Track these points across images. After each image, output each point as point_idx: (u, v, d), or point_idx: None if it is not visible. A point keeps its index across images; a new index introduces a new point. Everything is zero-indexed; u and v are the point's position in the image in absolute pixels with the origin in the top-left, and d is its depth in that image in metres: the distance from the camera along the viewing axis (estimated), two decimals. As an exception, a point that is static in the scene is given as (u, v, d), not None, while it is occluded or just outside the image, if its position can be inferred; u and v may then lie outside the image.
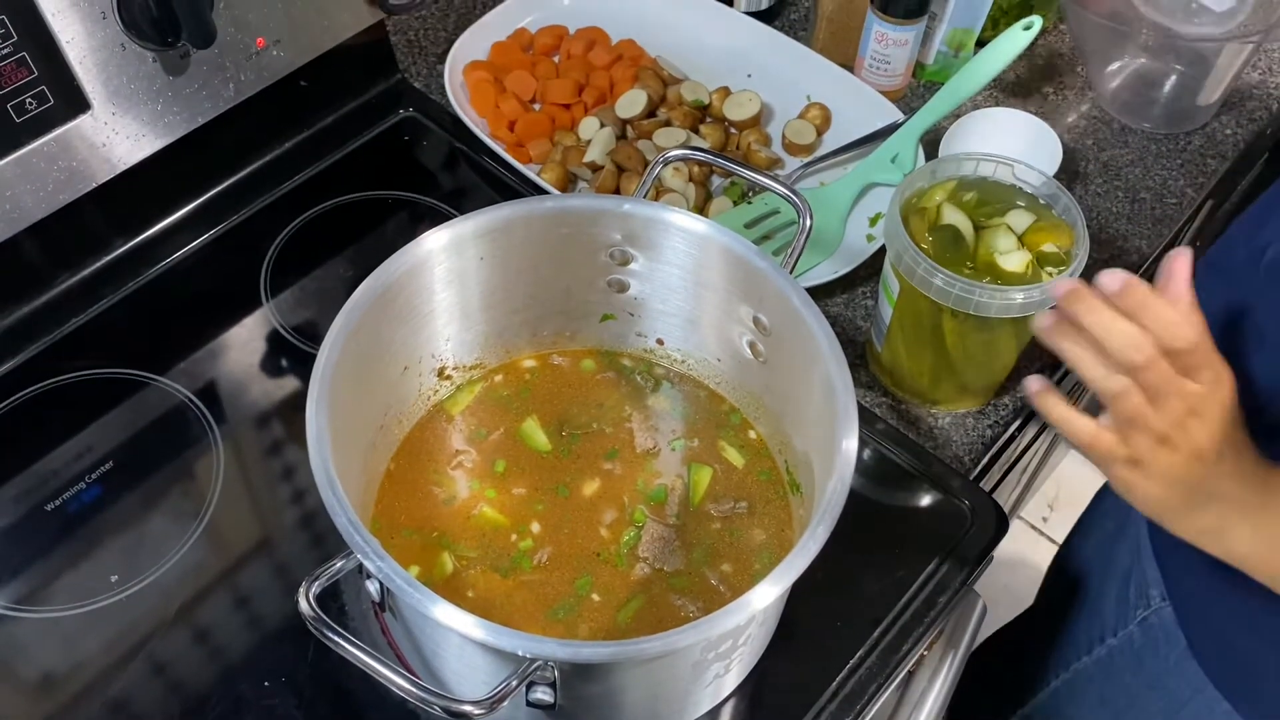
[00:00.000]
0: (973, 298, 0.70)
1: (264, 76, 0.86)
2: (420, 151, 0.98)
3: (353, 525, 0.53)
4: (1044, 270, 0.72)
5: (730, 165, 0.74)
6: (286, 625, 0.70)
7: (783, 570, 0.54)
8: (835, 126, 1.00)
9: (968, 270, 0.72)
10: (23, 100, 0.72)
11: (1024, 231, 0.73)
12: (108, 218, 0.86)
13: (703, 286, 0.72)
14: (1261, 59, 1.10)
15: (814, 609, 0.70)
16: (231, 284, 0.87)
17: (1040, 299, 0.69)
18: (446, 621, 0.51)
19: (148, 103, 0.79)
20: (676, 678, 0.62)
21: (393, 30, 1.06)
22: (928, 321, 0.75)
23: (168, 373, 0.81)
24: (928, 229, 0.74)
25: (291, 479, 0.77)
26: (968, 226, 0.73)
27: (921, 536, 0.75)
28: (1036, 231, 0.73)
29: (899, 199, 0.74)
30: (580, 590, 0.68)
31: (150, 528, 0.74)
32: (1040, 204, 0.75)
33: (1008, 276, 0.71)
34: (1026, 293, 0.69)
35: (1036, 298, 0.69)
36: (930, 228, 0.74)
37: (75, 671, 0.68)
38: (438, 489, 0.72)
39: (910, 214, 0.74)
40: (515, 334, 0.77)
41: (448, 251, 0.67)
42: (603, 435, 0.75)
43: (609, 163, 0.93)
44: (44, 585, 0.71)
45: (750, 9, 1.08)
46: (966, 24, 1.01)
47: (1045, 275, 0.72)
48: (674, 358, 0.78)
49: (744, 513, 0.72)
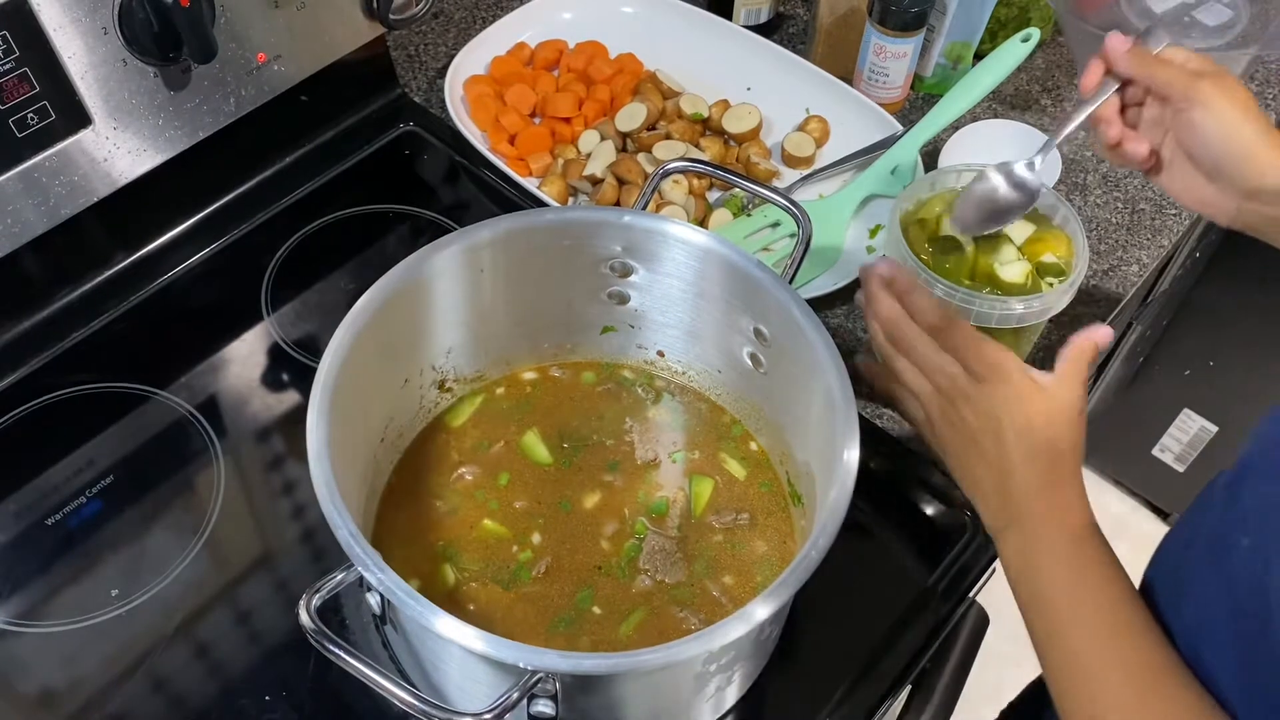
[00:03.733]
0: (973, 308, 0.70)
1: (265, 91, 0.86)
2: (421, 165, 0.98)
3: (353, 537, 0.53)
4: (1044, 280, 0.72)
5: (730, 177, 0.75)
6: (287, 639, 0.69)
7: (785, 581, 0.54)
8: (834, 139, 1.00)
9: (967, 281, 0.72)
10: (24, 115, 0.72)
11: (1024, 242, 0.74)
12: (109, 232, 0.87)
13: (703, 298, 0.72)
14: (1259, 70, 1.10)
15: (816, 620, 0.70)
16: (233, 298, 0.87)
17: (1040, 309, 0.69)
18: (448, 634, 0.51)
19: (149, 117, 0.79)
20: (678, 690, 0.61)
21: (393, 45, 1.07)
22: None
23: (169, 387, 0.81)
24: (927, 240, 0.74)
25: (292, 493, 0.77)
26: (967, 237, 0.74)
27: (923, 547, 0.75)
28: (1036, 242, 0.73)
29: (898, 210, 0.74)
30: (581, 603, 0.68)
31: (151, 542, 0.73)
32: (1039, 214, 0.75)
33: (1007, 287, 0.72)
34: (1026, 303, 0.69)
35: (1036, 308, 0.69)
36: (930, 238, 0.74)
37: (75, 687, 0.67)
38: (439, 502, 0.72)
39: (910, 224, 0.74)
40: (516, 346, 0.77)
41: (448, 264, 0.67)
42: (604, 447, 0.75)
43: (609, 176, 0.93)
44: (44, 600, 0.71)
45: (749, 22, 1.08)
46: (965, 36, 1.02)
47: (1045, 285, 0.72)
48: (675, 369, 0.78)
49: (745, 524, 0.72)
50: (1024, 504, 0.63)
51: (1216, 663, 0.55)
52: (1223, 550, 0.56)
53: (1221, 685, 0.55)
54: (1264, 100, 1.08)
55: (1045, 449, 0.63)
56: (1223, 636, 0.55)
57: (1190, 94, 0.66)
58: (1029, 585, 0.62)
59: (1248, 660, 0.53)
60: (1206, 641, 0.56)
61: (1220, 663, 0.55)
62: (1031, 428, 0.63)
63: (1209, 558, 0.58)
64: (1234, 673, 0.54)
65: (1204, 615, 0.57)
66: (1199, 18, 0.98)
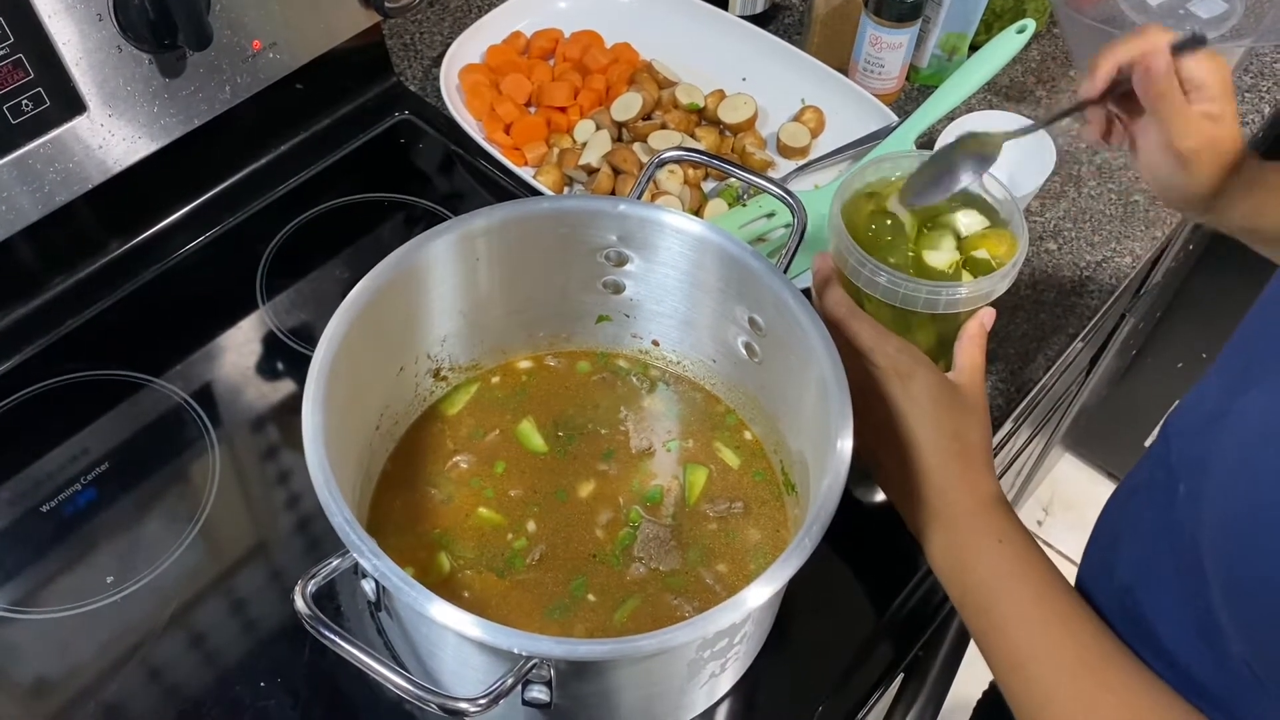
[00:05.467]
0: (860, 270, 0.70)
1: (260, 79, 0.86)
2: (416, 154, 0.98)
3: (348, 523, 0.53)
4: (966, 274, 0.72)
5: (725, 167, 0.75)
6: (282, 627, 0.70)
7: (778, 569, 0.54)
8: (830, 129, 1.00)
9: (891, 260, 0.71)
10: (19, 102, 0.72)
11: (973, 235, 0.73)
12: (104, 219, 0.86)
13: (698, 288, 0.72)
14: (1253, 63, 1.11)
15: (810, 609, 0.71)
16: (228, 286, 0.87)
17: (929, 297, 0.68)
18: (442, 619, 0.51)
19: (144, 105, 0.79)
20: (672, 677, 0.62)
21: (389, 33, 1.06)
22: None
23: (164, 375, 0.81)
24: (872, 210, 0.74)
25: (288, 481, 0.77)
26: (910, 218, 0.73)
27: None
28: (983, 238, 0.73)
29: (857, 182, 0.74)
30: (576, 590, 0.68)
31: (146, 529, 0.74)
32: (994, 211, 0.74)
33: (929, 271, 0.71)
34: (931, 289, 0.68)
35: (917, 293, 0.68)
36: (874, 211, 0.74)
37: (70, 674, 0.67)
38: (434, 490, 0.72)
39: (867, 195, 0.74)
40: (511, 335, 0.77)
41: (443, 253, 0.67)
42: (598, 436, 0.75)
43: (605, 165, 0.93)
44: (39, 587, 0.71)
45: (745, 12, 1.08)
46: (960, 27, 1.02)
47: (965, 276, 0.71)
48: (669, 359, 0.79)
49: (739, 513, 0.72)
50: (943, 502, 0.64)
51: (1155, 606, 0.57)
52: (1163, 497, 0.58)
53: (1159, 630, 0.56)
54: (1259, 93, 1.08)
55: (955, 443, 0.64)
56: (1163, 581, 0.56)
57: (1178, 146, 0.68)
58: (959, 583, 0.63)
59: (1188, 603, 0.54)
60: (1145, 586, 0.58)
61: (1159, 607, 0.57)
62: (939, 423, 0.65)
63: (1149, 503, 0.59)
64: (1174, 615, 0.55)
65: (1144, 560, 0.59)
66: (1194, 10, 0.99)
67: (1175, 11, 0.99)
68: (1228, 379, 0.55)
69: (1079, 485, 1.94)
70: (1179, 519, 0.55)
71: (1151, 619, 0.58)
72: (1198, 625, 0.54)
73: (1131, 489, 0.64)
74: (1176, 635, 0.56)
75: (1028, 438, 1.12)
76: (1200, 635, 0.54)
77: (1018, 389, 0.85)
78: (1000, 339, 0.87)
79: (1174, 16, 0.98)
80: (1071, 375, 1.24)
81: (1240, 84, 1.09)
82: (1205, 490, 0.52)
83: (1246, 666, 0.50)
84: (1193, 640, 0.55)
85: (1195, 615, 0.54)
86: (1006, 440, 0.87)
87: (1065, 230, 0.95)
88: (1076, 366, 1.23)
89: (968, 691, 0.92)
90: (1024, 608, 0.59)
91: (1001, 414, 0.84)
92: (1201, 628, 0.53)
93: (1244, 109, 1.06)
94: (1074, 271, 0.92)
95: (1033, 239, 0.94)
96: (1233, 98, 0.68)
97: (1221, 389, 0.55)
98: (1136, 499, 0.63)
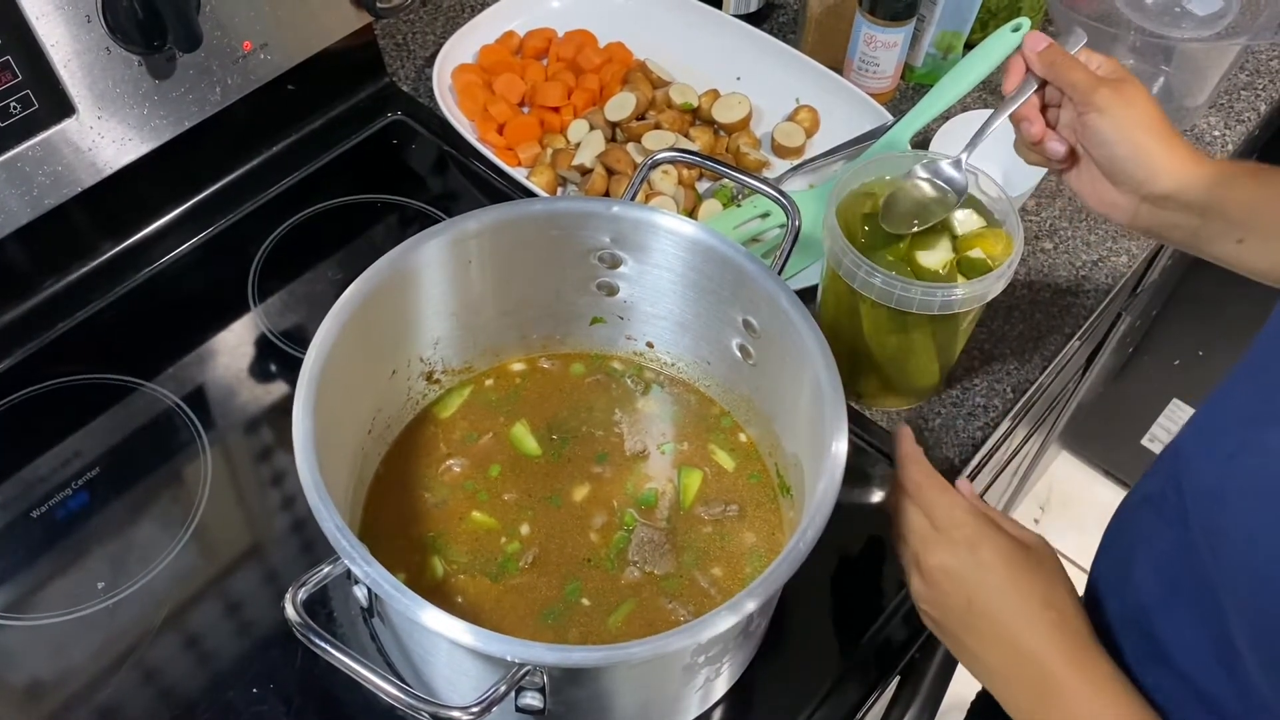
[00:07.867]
0: (855, 271, 0.69)
1: (251, 80, 0.85)
2: (409, 155, 0.98)
3: (339, 530, 0.53)
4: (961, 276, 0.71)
5: (719, 167, 0.74)
6: (275, 632, 0.69)
7: (773, 573, 0.54)
8: (824, 129, 1.00)
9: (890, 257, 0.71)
10: (7, 104, 0.72)
11: (968, 233, 0.73)
12: (94, 222, 0.86)
13: (692, 289, 0.72)
14: (1249, 60, 1.10)
15: (805, 612, 0.70)
16: (219, 288, 0.87)
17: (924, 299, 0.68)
18: (435, 627, 0.51)
19: (134, 106, 0.79)
20: (666, 682, 0.61)
21: (380, 33, 1.06)
22: (846, 303, 0.74)
23: (155, 378, 0.81)
24: (867, 211, 0.74)
25: (280, 484, 0.76)
26: None
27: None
28: (978, 237, 0.72)
29: (852, 182, 0.73)
30: (570, 595, 0.68)
31: (137, 534, 0.73)
32: (988, 211, 0.74)
33: (922, 271, 0.71)
34: (927, 290, 0.68)
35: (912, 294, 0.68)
36: (869, 212, 0.74)
37: (62, 679, 0.67)
38: (427, 493, 0.71)
39: (864, 195, 0.74)
40: (504, 337, 0.77)
41: (436, 255, 0.67)
42: (592, 439, 0.75)
43: (598, 166, 0.93)
44: (30, 592, 0.71)
45: (739, 11, 1.08)
46: (955, 26, 1.01)
47: (960, 279, 0.71)
48: (664, 361, 0.78)
49: (734, 516, 0.72)
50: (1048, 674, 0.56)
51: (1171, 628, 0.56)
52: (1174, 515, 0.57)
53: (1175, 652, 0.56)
54: (1254, 91, 1.08)
55: (1049, 612, 0.58)
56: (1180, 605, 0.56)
57: (1090, 98, 0.67)
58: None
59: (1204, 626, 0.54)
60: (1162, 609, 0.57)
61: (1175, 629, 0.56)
62: (1019, 586, 0.59)
63: (1160, 519, 0.59)
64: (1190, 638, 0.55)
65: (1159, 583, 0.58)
66: (1189, 8, 0.98)
67: (1171, 9, 0.98)
68: (1243, 409, 0.54)
69: (1076, 483, 1.94)
70: (1193, 541, 0.54)
71: (1168, 640, 0.57)
72: (1215, 650, 0.53)
73: (1141, 500, 0.63)
74: (1194, 658, 0.55)
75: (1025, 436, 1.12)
76: (1219, 660, 0.53)
77: (1014, 388, 0.84)
78: (997, 339, 0.87)
79: (1170, 14, 0.98)
80: (1068, 373, 1.24)
81: (1236, 82, 1.08)
82: (1223, 526, 0.51)
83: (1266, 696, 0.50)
84: (1211, 664, 0.54)
85: (1212, 639, 0.53)
86: (1003, 439, 0.87)
87: (1061, 229, 0.95)
88: (1073, 365, 1.23)
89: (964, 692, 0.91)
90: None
91: (998, 414, 0.84)
92: (1220, 653, 0.52)
93: (1240, 107, 1.06)
94: (1070, 270, 0.92)
95: (1028, 238, 0.94)
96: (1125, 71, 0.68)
97: (1238, 421, 0.53)
98: (1146, 513, 0.62)
